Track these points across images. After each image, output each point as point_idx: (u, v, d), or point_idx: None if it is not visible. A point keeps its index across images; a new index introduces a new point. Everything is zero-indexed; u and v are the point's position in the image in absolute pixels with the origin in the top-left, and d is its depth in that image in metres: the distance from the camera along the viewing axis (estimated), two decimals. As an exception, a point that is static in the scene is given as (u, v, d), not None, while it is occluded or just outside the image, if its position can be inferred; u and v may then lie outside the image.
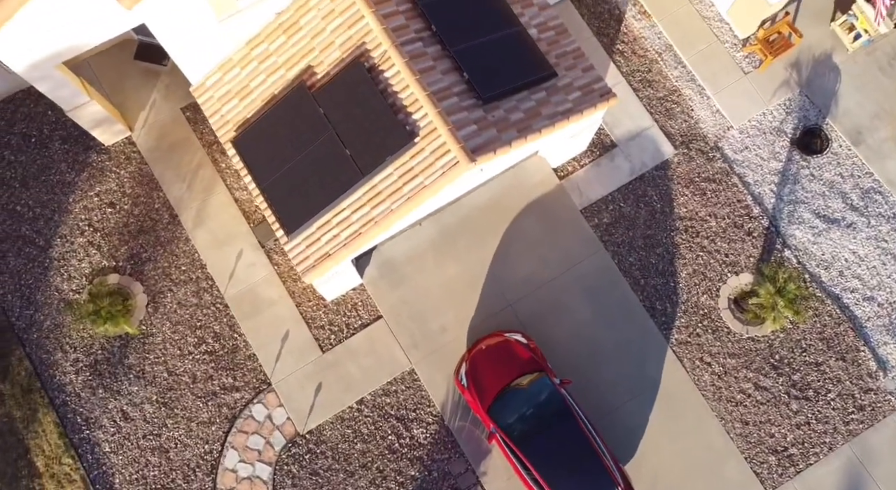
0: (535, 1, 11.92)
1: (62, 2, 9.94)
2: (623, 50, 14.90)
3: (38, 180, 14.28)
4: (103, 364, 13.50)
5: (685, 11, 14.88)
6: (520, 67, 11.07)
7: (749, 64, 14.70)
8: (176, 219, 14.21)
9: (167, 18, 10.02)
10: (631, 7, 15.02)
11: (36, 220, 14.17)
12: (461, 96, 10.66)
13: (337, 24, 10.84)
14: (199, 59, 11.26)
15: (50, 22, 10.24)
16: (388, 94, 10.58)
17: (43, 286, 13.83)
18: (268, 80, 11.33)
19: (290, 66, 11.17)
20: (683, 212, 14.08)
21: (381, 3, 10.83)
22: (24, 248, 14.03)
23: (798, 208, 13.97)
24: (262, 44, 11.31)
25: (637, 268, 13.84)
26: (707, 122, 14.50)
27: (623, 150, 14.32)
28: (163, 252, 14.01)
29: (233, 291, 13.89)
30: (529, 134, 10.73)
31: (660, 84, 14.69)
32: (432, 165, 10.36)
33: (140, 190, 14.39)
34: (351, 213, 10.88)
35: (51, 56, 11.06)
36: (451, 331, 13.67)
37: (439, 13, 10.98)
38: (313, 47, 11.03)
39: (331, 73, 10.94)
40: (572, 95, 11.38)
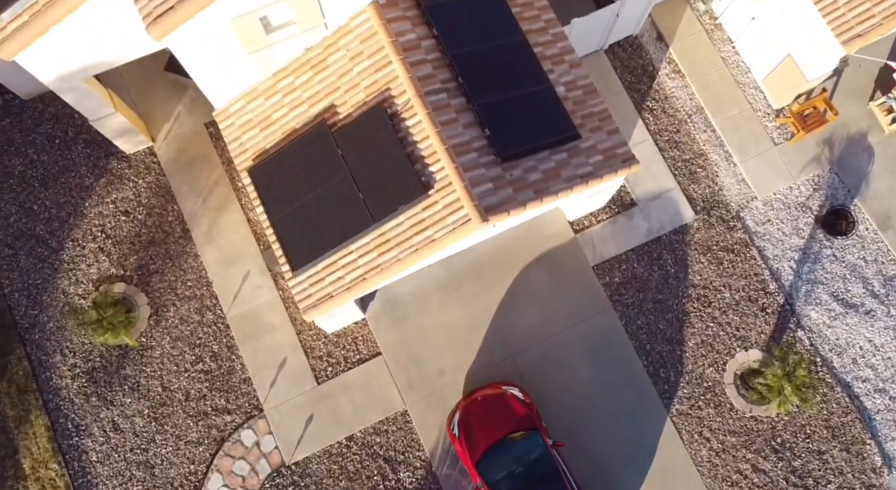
0: (566, 58, 11.76)
1: (94, 24, 10.01)
2: (653, 107, 14.67)
3: (57, 181, 14.41)
4: (100, 372, 13.54)
5: (720, 75, 14.62)
6: (543, 126, 10.90)
7: (780, 135, 14.39)
8: (188, 233, 14.24)
9: (195, 48, 10.02)
10: (665, 65, 14.80)
11: (51, 220, 14.28)
12: (480, 152, 10.52)
13: (364, 67, 10.76)
14: (224, 86, 11.25)
15: (80, 41, 10.32)
16: (408, 142, 10.47)
17: (50, 287, 13.93)
18: (290, 114, 11.29)
19: (314, 102, 11.12)
20: (697, 279, 13.79)
21: (410, 49, 10.75)
22: (37, 247, 14.15)
23: (816, 289, 13.61)
24: (289, 77, 11.27)
25: (644, 332, 13.57)
26: (731, 190, 14.21)
27: (642, 209, 14.07)
28: (171, 266, 14.04)
29: (235, 312, 13.87)
30: (546, 196, 10.55)
31: (687, 146, 14.43)
32: (444, 220, 10.22)
33: (155, 201, 14.45)
34: (358, 256, 10.77)
35: (79, 70, 11.14)
36: (448, 375, 13.51)
37: (468, 64, 10.85)
38: (338, 87, 10.97)
39: (353, 115, 10.86)
40: (594, 159, 11.19)
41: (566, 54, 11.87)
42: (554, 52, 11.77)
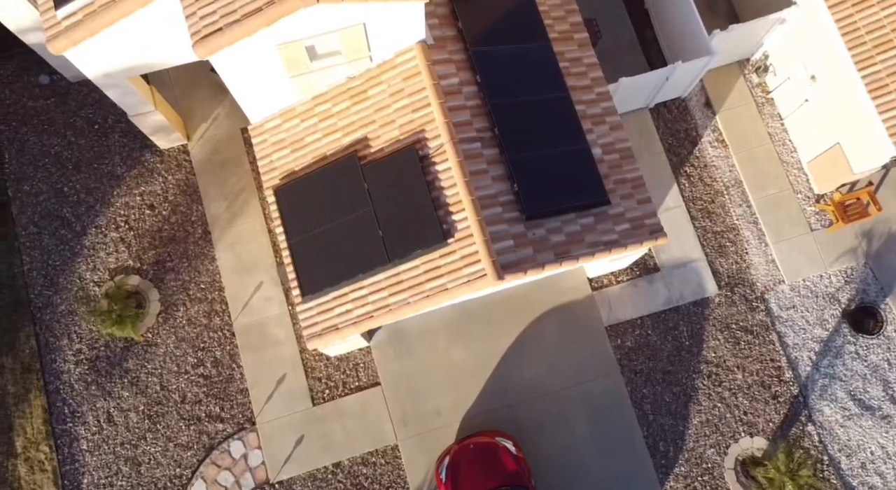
0: (608, 119, 11.55)
1: (144, 30, 10.09)
2: (691, 174, 14.35)
3: (90, 167, 14.60)
4: (103, 361, 13.67)
5: (764, 150, 14.24)
6: (573, 188, 10.71)
7: (818, 221, 13.97)
8: (208, 235, 14.31)
9: (238, 67, 10.04)
10: (710, 132, 14.47)
11: (78, 204, 14.48)
12: (506, 207, 10.36)
13: (403, 105, 10.69)
14: (261, 103, 11.27)
15: (128, 44, 10.41)
16: (435, 186, 10.35)
17: (67, 271, 14.11)
18: (323, 140, 11.25)
19: (348, 132, 11.07)
20: (711, 356, 13.43)
21: (451, 94, 10.65)
22: (60, 229, 14.35)
23: (833, 384, 13.16)
24: (327, 103, 11.25)
25: (649, 401, 13.25)
26: (759, 270, 13.82)
27: (665, 276, 13.76)
28: (187, 265, 14.12)
29: (243, 321, 13.89)
30: (566, 260, 10.35)
31: (720, 218, 14.09)
32: (459, 271, 10.08)
33: (181, 199, 14.56)
34: (369, 293, 10.69)
35: (124, 70, 11.25)
36: (444, 416, 13.34)
37: (507, 116, 10.72)
38: (374, 120, 10.91)
39: (384, 150, 10.79)
40: (620, 227, 10.95)
41: (608, 115, 11.66)
42: (596, 112, 11.58)
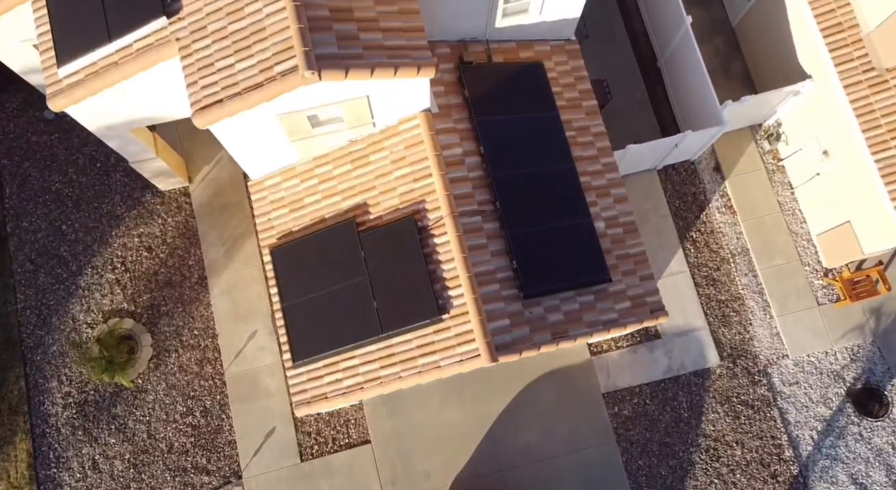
0: (613, 191, 11.33)
1: (144, 90, 9.98)
2: (697, 239, 14.08)
3: (90, 205, 14.48)
4: (91, 406, 13.49)
5: (773, 219, 13.96)
6: (574, 266, 10.47)
7: (826, 295, 13.66)
8: (204, 281, 14.15)
9: (236, 134, 9.88)
10: (718, 197, 14.21)
11: (76, 243, 14.35)
12: (503, 284, 10.14)
13: (404, 173, 10.50)
14: (261, 162, 11.12)
15: (129, 102, 10.30)
16: (432, 260, 10.15)
17: (61, 311, 13.96)
18: (322, 202, 11.07)
19: (348, 196, 10.89)
20: (710, 430, 13.11)
21: (453, 165, 10.46)
22: (57, 268, 14.22)
23: (835, 466, 12.81)
24: (328, 165, 11.07)
25: (644, 474, 12.93)
26: (762, 343, 13.51)
27: (666, 343, 13.48)
28: (181, 311, 13.95)
29: (235, 370, 13.69)
30: (563, 340, 10.11)
31: (724, 287, 13.80)
32: (453, 348, 9.85)
33: (180, 242, 14.41)
34: (360, 363, 10.47)
35: (124, 124, 11.13)
36: (434, 479, 13.07)
37: (509, 189, 10.51)
38: (375, 186, 10.72)
39: (383, 218, 10.60)
40: (621, 305, 10.71)
41: (614, 187, 11.44)
42: (601, 183, 11.36)
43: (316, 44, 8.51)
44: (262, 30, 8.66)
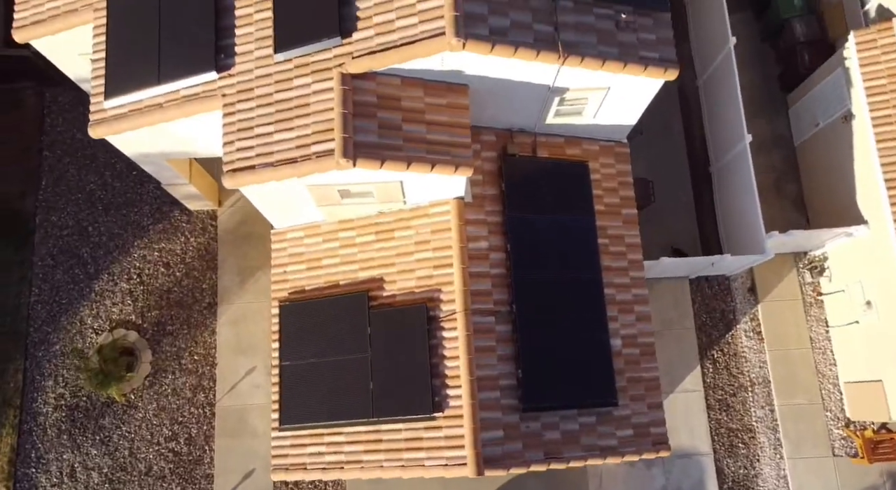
0: (636, 308, 10.90)
1: (182, 132, 9.97)
2: (717, 359, 13.52)
3: (119, 211, 14.57)
4: (81, 412, 13.50)
5: (801, 355, 13.32)
6: (581, 384, 10.07)
7: (843, 447, 12.94)
8: (214, 307, 14.09)
9: (265, 196, 9.76)
10: (747, 320, 13.63)
11: (98, 247, 14.45)
12: (504, 392, 9.79)
13: (426, 257, 10.26)
14: (287, 218, 10.99)
15: (166, 139, 10.30)
16: (437, 353, 9.86)
17: (71, 311, 14.04)
18: (340, 267, 10.89)
19: (366, 267, 10.69)
20: (693, 563, 12.54)
21: (476, 259, 10.18)
22: (75, 268, 14.33)
23: None
24: (353, 231, 10.90)
25: None
26: (767, 483, 12.82)
27: (666, 463, 12.92)
28: (186, 333, 13.91)
29: (226, 403, 13.58)
30: (555, 462, 9.71)
31: (737, 415, 13.19)
32: (440, 450, 9.54)
33: (198, 264, 14.39)
34: (346, 441, 10.22)
35: (159, 155, 11.14)
36: (401, 555, 12.74)
37: (529, 292, 10.17)
38: (394, 263, 10.50)
39: (396, 298, 10.36)
40: (623, 432, 10.26)
41: (638, 303, 11.01)
42: (626, 299, 10.94)
43: (357, 130, 8.34)
44: (306, 105, 8.54)
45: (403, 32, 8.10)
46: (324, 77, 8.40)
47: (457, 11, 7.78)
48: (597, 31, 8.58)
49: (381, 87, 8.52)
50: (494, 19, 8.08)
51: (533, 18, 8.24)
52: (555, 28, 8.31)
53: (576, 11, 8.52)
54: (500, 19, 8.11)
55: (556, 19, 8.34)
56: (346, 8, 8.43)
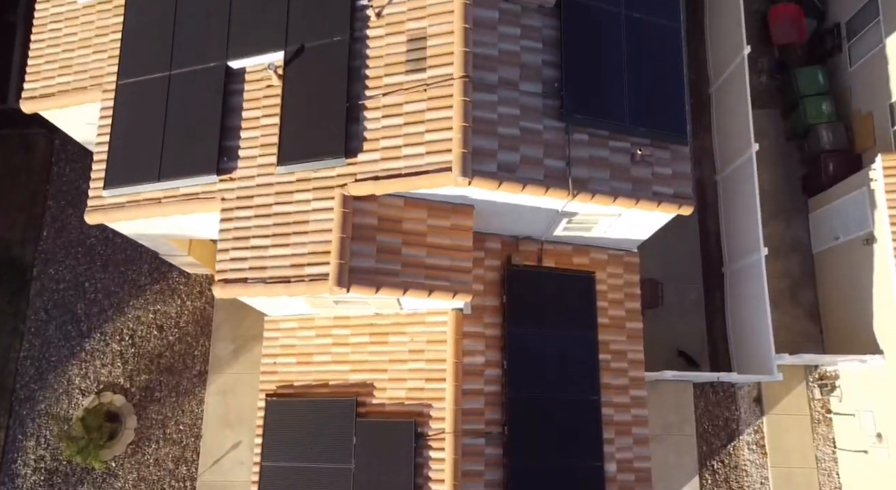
0: (634, 430, 10.46)
1: (177, 224, 9.75)
2: (717, 470, 13.02)
3: (117, 268, 14.35)
4: (59, 477, 13.20)
5: (805, 476, 12.74)
6: (570, 516, 9.66)
7: None
8: (204, 375, 13.80)
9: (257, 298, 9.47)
10: (751, 432, 13.13)
11: (93, 304, 14.23)
12: (489, 522, 9.41)
13: (418, 367, 9.87)
14: (281, 311, 10.70)
15: (161, 228, 10.09)
16: (421, 473, 9.45)
17: (60, 370, 13.80)
18: (331, 366, 10.55)
19: (357, 369, 10.34)
20: None
21: (471, 374, 9.81)
22: (68, 325, 14.11)
23: None
24: (347, 329, 10.56)
25: None
26: None
27: (654, 579, 12.43)
28: (174, 401, 13.60)
29: (208, 478, 13.23)
30: None
31: (734, 535, 12.71)
32: (417, 579, 9.15)
33: (192, 329, 14.12)
34: (321, 553, 9.86)
35: (157, 237, 10.94)
36: None
37: (522, 414, 9.77)
38: (386, 369, 10.14)
39: (385, 408, 9.99)
40: (611, 566, 9.83)
41: (637, 425, 10.57)
42: (624, 419, 10.51)
43: (354, 254, 8.05)
44: (305, 221, 8.27)
45: (410, 161, 7.82)
46: (325, 195, 8.13)
47: (465, 148, 7.49)
48: (610, 166, 8.27)
49: (383, 209, 8.24)
50: (504, 154, 7.79)
51: (545, 153, 7.94)
52: (567, 163, 8.01)
53: (590, 145, 8.21)
54: (509, 154, 7.81)
55: (569, 153, 8.03)
56: (354, 126, 8.17)
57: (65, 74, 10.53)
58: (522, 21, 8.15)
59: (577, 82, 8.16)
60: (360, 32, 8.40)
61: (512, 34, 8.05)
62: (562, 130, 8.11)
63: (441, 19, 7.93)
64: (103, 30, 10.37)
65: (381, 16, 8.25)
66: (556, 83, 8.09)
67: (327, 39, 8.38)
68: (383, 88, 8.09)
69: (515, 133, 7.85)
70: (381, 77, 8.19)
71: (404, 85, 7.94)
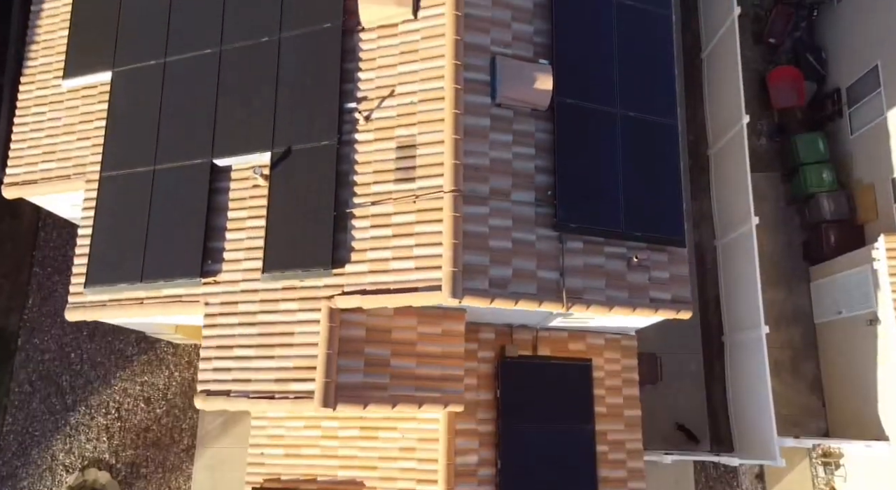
0: (634, 529, 10.14)
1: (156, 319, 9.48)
2: (719, 555, 12.68)
3: (104, 338, 14.02)
4: (42, 558, 12.88)
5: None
6: None
7: None
8: (192, 450, 13.45)
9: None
10: (754, 514, 12.81)
11: (79, 376, 13.89)
12: None
13: (410, 467, 9.41)
14: (270, 399, 10.42)
15: (140, 321, 9.83)
16: None
17: (44, 445, 13.45)
18: (319, 460, 10.06)
19: (346, 465, 9.82)
20: None
21: (463, 476, 9.41)
22: (53, 397, 13.77)
23: None
24: (336, 421, 10.09)
25: None
26: None
27: None
28: (161, 477, 13.24)
29: (195, 558, 12.90)
30: None
31: None
32: None
33: (180, 401, 13.79)
34: None
35: (137, 326, 10.66)
36: None
37: (518, 517, 9.46)
38: (376, 467, 9.65)
39: (375, 510, 9.68)
40: None
41: (636, 523, 10.25)
42: (623, 515, 10.20)
43: (341, 370, 7.75)
44: (290, 333, 7.98)
45: (399, 275, 7.55)
46: (311, 306, 7.85)
47: (455, 267, 7.22)
48: (606, 273, 8.01)
49: (372, 319, 7.96)
50: (496, 269, 7.53)
51: (538, 264, 7.68)
52: (560, 273, 7.75)
53: (585, 252, 7.95)
54: (501, 269, 7.55)
55: (563, 263, 7.77)
56: (342, 235, 7.90)
57: (48, 161, 10.26)
58: (514, 126, 7.93)
59: (571, 190, 7.91)
60: (348, 135, 8.16)
61: (504, 141, 7.82)
62: (555, 239, 7.85)
63: (431, 127, 7.70)
64: (88, 116, 10.14)
65: (370, 119, 8.02)
66: (549, 191, 7.84)
67: (315, 143, 8.14)
68: (372, 196, 7.84)
69: (507, 246, 7.59)
70: (369, 184, 7.94)
71: (393, 194, 7.69)
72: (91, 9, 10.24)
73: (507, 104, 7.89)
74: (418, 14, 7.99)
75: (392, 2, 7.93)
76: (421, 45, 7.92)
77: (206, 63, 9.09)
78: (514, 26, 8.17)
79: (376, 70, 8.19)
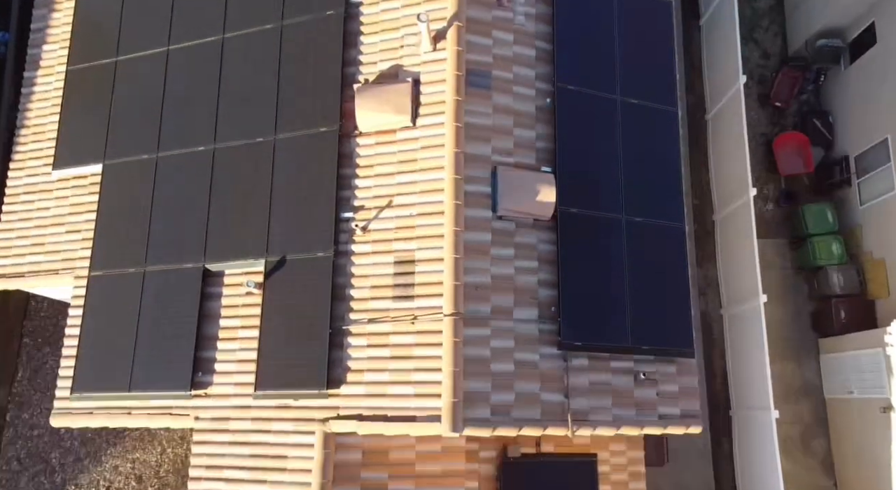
0: None
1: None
2: None
3: (96, 412, 13.73)
4: None
5: None
6: None
7: None
8: (185, 530, 13.09)
9: None
10: None
11: (68, 453, 13.50)
12: None
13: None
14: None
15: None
16: None
17: (32, 526, 13.09)
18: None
19: (344, 570, 9.68)
20: None
21: None
22: (41, 476, 13.38)
23: None
24: (333, 521, 9.93)
25: None
26: None
27: None
28: (153, 560, 12.88)
29: None
30: None
31: None
32: None
33: (172, 479, 13.40)
34: None
35: (134, 419, 10.33)
36: None
37: None
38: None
39: None
40: None
41: None
42: None
43: (336, 498, 7.42)
44: (283, 457, 7.61)
45: (396, 401, 7.22)
46: (306, 428, 7.51)
47: (455, 397, 6.91)
48: (612, 391, 7.69)
49: (368, 441, 7.62)
50: (498, 395, 7.20)
51: (541, 387, 7.36)
52: (565, 395, 7.43)
53: (590, 370, 7.64)
54: (503, 394, 7.23)
55: (567, 383, 7.45)
56: (338, 352, 7.58)
57: (36, 253, 9.95)
58: (516, 239, 7.64)
59: (575, 305, 7.61)
60: (345, 246, 7.87)
61: (505, 256, 7.53)
62: (559, 358, 7.54)
63: (430, 243, 7.41)
64: (77, 207, 9.82)
65: (368, 230, 7.73)
66: (552, 306, 7.55)
67: (311, 254, 7.85)
68: (369, 313, 7.54)
69: (510, 369, 7.29)
70: (366, 299, 7.64)
71: (391, 312, 7.39)
72: (82, 97, 9.98)
73: (508, 216, 7.62)
74: (417, 122, 7.74)
75: (390, 109, 7.67)
76: (420, 155, 7.66)
77: (199, 161, 8.82)
78: (517, 132, 7.91)
79: (374, 178, 7.92)
